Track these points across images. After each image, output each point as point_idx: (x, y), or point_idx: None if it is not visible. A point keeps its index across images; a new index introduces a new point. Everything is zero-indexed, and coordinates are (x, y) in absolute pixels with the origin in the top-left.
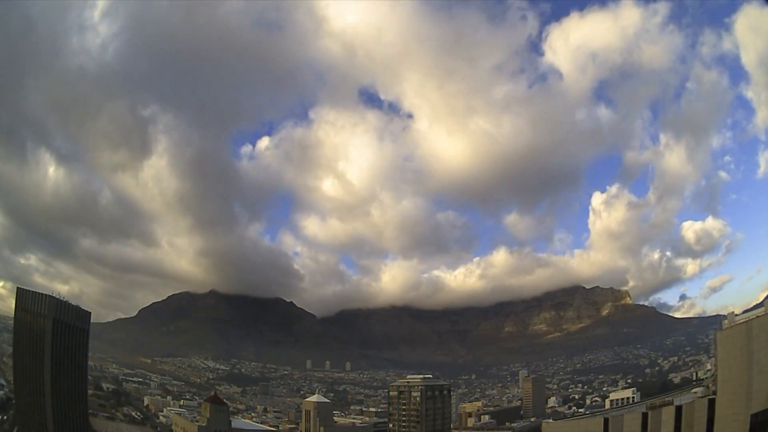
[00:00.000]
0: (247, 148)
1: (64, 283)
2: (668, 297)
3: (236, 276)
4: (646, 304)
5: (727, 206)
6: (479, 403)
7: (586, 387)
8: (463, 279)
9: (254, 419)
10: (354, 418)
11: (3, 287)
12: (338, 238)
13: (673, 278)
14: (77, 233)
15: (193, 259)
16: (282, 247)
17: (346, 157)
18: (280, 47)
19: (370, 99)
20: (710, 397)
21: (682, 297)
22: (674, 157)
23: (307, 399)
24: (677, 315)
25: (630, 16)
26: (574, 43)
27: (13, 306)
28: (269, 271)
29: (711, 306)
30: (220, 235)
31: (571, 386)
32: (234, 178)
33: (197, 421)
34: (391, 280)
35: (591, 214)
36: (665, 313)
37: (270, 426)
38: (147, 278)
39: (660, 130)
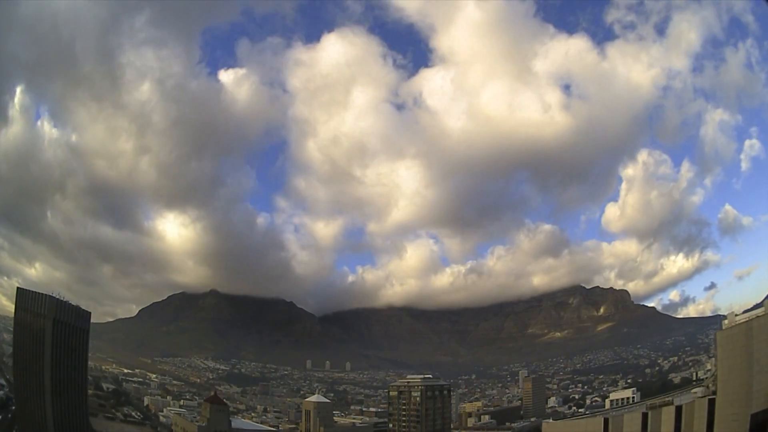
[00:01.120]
0: (225, 60)
1: (30, 265)
2: (693, 287)
3: (235, 271)
4: (646, 303)
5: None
6: (479, 403)
7: (586, 387)
8: (489, 266)
9: (254, 419)
10: (354, 418)
11: None
12: (342, 209)
13: (701, 266)
14: (42, 208)
15: (180, 246)
16: (278, 221)
17: (354, 105)
18: None
19: (393, 33)
20: (710, 397)
21: (711, 286)
22: (714, 123)
23: (307, 399)
24: (697, 307)
25: None
26: None
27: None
28: (266, 258)
29: (738, 296)
30: (209, 213)
31: (571, 386)
32: (214, 112)
33: (197, 421)
34: (406, 267)
35: (622, 189)
36: (667, 313)
37: (270, 426)
38: (127, 266)
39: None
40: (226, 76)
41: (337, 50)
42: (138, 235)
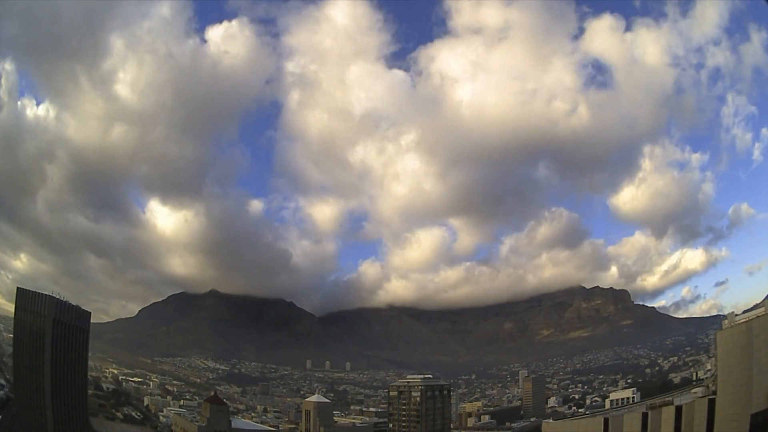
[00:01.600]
0: (214, 12)
1: (15, 257)
2: (704, 281)
3: (233, 263)
4: (657, 299)
5: None
6: (479, 403)
7: (586, 387)
8: (501, 257)
9: (254, 419)
10: (354, 418)
11: None
12: (343, 193)
13: (713, 261)
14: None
15: (173, 238)
16: (274, 206)
17: (359, 77)
18: None
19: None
20: (710, 397)
21: (723, 281)
22: (734, 111)
23: (307, 399)
24: (708, 303)
25: None
26: None
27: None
28: (265, 250)
29: (749, 292)
30: (203, 202)
31: (571, 386)
32: (206, 79)
33: (197, 421)
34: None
35: (638, 178)
36: (667, 313)
37: (270, 426)
38: (118, 260)
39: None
40: (215, 33)
41: (346, 11)
42: (129, 227)
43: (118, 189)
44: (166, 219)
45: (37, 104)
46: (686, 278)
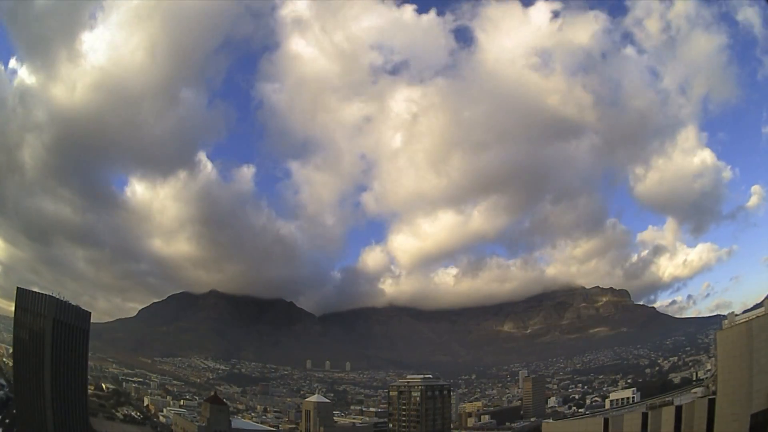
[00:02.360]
0: None
1: None
2: (718, 276)
3: (230, 260)
4: (673, 292)
5: None
6: (479, 403)
7: (586, 387)
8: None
9: (254, 419)
10: (354, 418)
11: None
12: (349, 163)
13: (730, 253)
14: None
15: (163, 224)
16: (265, 175)
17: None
18: None
19: None
20: (710, 397)
21: (736, 277)
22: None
23: (307, 399)
24: (722, 297)
25: None
26: None
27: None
28: (264, 236)
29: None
30: (193, 180)
31: (571, 386)
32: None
33: (197, 421)
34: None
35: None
36: (666, 313)
37: (270, 426)
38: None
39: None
40: None
41: None
42: (111, 208)
43: (98, 165)
44: (151, 201)
45: (5, 64)
46: (706, 270)
